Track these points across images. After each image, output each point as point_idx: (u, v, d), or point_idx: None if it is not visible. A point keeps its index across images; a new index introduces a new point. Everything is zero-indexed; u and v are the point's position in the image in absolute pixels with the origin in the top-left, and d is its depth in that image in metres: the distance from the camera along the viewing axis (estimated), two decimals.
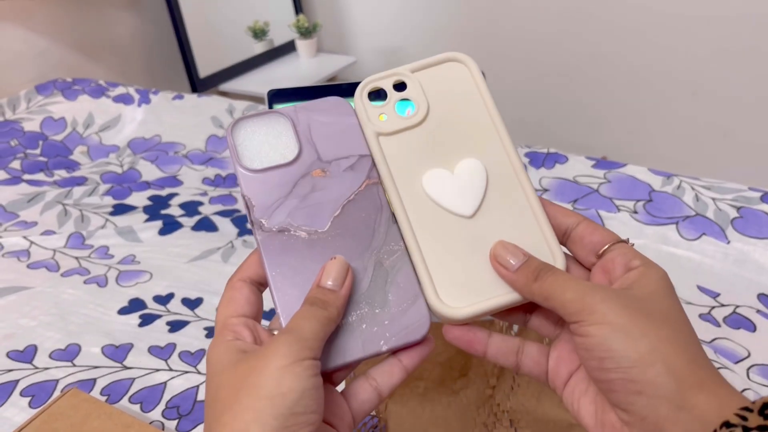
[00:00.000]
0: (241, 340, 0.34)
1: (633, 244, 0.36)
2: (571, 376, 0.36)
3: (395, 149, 0.38)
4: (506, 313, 0.38)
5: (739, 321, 0.76)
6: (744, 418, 0.28)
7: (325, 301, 0.34)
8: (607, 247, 0.36)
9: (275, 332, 0.35)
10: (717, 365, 0.68)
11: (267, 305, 0.37)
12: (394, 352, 0.36)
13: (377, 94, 0.39)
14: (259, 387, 0.30)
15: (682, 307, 0.33)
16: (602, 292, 0.33)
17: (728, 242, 0.88)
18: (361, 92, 0.39)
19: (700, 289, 0.81)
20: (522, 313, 0.39)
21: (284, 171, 0.37)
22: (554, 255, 0.37)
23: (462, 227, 0.37)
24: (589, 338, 0.32)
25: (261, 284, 0.37)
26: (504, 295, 0.36)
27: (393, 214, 0.38)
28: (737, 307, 0.78)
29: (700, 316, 0.77)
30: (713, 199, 0.95)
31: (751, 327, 0.75)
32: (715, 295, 0.80)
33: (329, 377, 0.36)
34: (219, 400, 0.31)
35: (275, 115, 0.39)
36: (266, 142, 0.38)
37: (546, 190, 1.02)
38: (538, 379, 0.37)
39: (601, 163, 1.07)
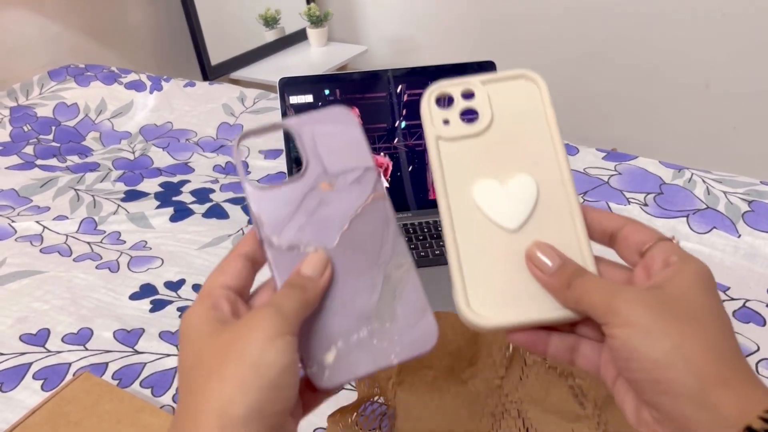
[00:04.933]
0: (219, 311, 0.34)
1: (678, 241, 0.36)
2: (619, 375, 0.36)
3: (452, 155, 0.38)
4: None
5: (748, 315, 0.76)
6: (767, 421, 0.28)
7: (303, 285, 0.34)
8: (650, 245, 0.35)
9: None
10: None
11: None
12: None
13: (443, 101, 0.39)
14: (244, 355, 0.30)
15: (719, 301, 0.33)
16: (627, 293, 0.33)
17: (739, 236, 0.88)
18: (429, 96, 0.39)
19: None
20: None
21: (292, 186, 0.37)
22: (586, 265, 0.37)
23: (504, 240, 0.37)
24: (614, 340, 0.32)
25: (256, 261, 0.37)
26: (533, 313, 0.36)
27: (399, 227, 0.38)
28: (747, 301, 0.78)
29: None
30: (724, 192, 0.95)
31: (761, 321, 0.75)
32: (725, 289, 0.80)
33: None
34: (202, 366, 0.32)
35: (279, 129, 0.39)
36: None
37: None
38: (593, 375, 0.37)
39: (612, 155, 1.07)
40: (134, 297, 0.82)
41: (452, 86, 0.39)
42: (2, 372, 0.71)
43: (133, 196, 1.08)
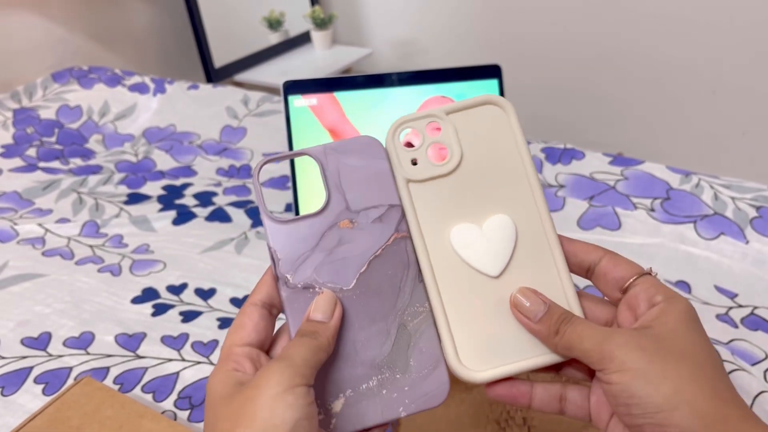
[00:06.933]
0: (241, 372, 0.34)
1: (656, 274, 0.36)
2: (612, 417, 0.36)
3: (425, 198, 0.37)
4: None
5: (757, 322, 0.75)
6: None
7: (314, 331, 0.34)
8: (630, 281, 0.36)
9: None
10: (734, 367, 0.67)
11: None
12: None
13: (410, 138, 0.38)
14: (254, 418, 0.30)
15: (707, 337, 0.33)
16: (619, 336, 0.33)
17: (747, 242, 0.87)
18: (393, 134, 0.37)
19: (718, 289, 0.80)
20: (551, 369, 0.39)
21: (311, 222, 0.36)
22: (571, 307, 0.37)
23: (487, 287, 0.37)
24: (612, 385, 0.32)
25: (273, 306, 0.37)
26: (526, 360, 0.36)
27: (419, 272, 0.36)
28: (755, 308, 0.77)
29: (718, 316, 0.76)
30: (732, 198, 0.94)
31: None
32: (732, 296, 0.79)
33: None
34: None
35: (303, 156, 0.37)
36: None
37: (562, 186, 1.02)
38: (584, 421, 0.37)
39: (619, 159, 1.06)
40: (136, 301, 0.81)
41: (416, 120, 0.38)
42: (3, 376, 0.70)
43: (135, 199, 1.07)
